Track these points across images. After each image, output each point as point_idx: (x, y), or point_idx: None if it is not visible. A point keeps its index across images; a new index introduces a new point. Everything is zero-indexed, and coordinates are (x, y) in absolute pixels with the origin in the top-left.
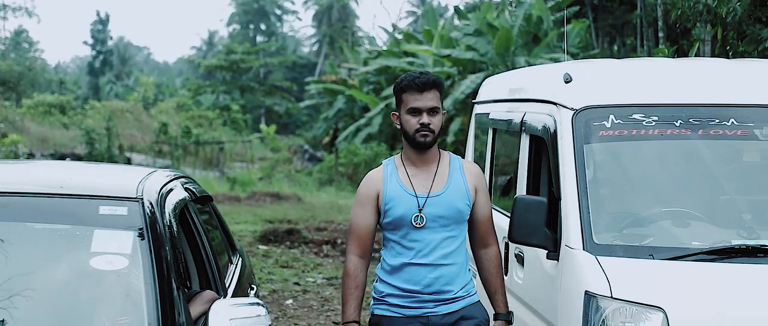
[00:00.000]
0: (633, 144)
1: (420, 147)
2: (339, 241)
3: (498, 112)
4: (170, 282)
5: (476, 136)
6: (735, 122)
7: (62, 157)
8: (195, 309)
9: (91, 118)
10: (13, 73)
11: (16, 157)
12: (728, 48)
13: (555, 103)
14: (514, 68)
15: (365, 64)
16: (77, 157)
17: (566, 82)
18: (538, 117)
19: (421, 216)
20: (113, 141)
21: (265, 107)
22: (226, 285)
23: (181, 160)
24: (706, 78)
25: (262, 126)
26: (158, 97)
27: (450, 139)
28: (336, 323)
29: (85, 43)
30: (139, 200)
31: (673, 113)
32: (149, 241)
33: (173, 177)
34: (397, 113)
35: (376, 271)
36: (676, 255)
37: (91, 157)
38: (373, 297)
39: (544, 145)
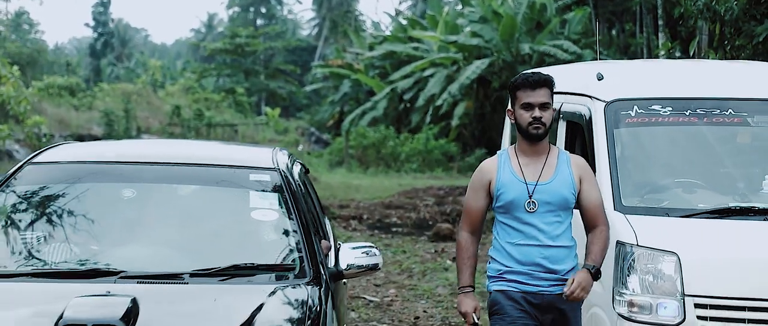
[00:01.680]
0: (652, 128)
1: (532, 138)
2: (365, 217)
3: None
4: (309, 228)
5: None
6: (733, 112)
7: (80, 139)
8: None
9: (100, 100)
10: (22, 55)
11: (38, 138)
12: (726, 43)
13: (590, 96)
14: (518, 55)
15: (371, 49)
16: (94, 138)
17: (599, 80)
18: (574, 107)
19: (533, 202)
20: (131, 123)
21: (268, 90)
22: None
23: None
24: (710, 76)
25: (267, 109)
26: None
27: (454, 122)
28: (377, 285)
29: (87, 25)
30: (277, 169)
31: (683, 105)
32: (289, 199)
33: (288, 154)
34: (512, 109)
35: (489, 253)
36: (685, 214)
37: (110, 138)
38: (489, 277)
39: (579, 129)
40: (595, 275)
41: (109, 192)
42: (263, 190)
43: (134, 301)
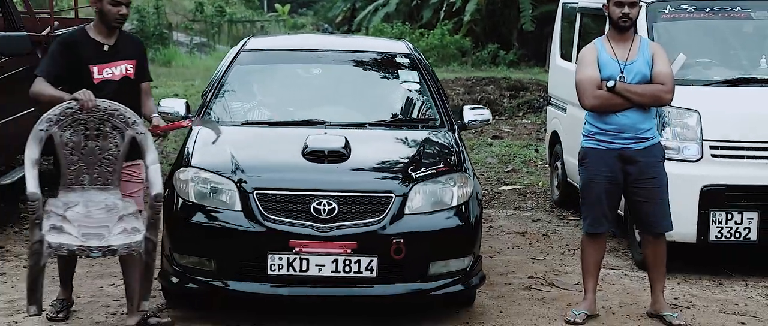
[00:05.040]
0: (681, 22)
1: (620, 29)
2: None
3: (586, 2)
4: (440, 93)
5: (563, 20)
6: (740, 9)
7: None
8: None
9: None
10: None
11: None
12: None
13: None
14: None
15: None
16: None
17: None
18: None
19: (623, 77)
20: (162, 19)
21: None
22: None
23: (216, 38)
24: None
25: (277, 5)
26: None
27: (466, 18)
28: None
29: None
30: (412, 54)
31: (704, 4)
32: (425, 75)
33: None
34: (607, 4)
35: (585, 116)
36: (705, 84)
37: (142, 34)
38: (583, 135)
39: None
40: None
41: (303, 70)
42: (407, 68)
43: (345, 138)
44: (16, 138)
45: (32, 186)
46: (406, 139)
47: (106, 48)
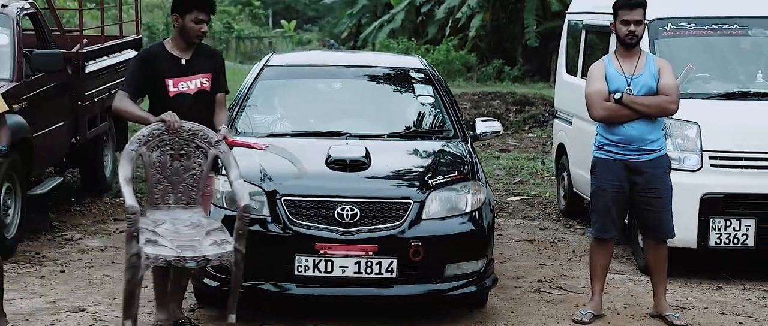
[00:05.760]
0: (681, 39)
1: (627, 46)
2: None
3: (590, 19)
4: (454, 106)
5: (568, 36)
6: (737, 26)
7: None
8: None
9: (124, 13)
10: None
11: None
12: None
13: None
14: None
15: None
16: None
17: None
18: None
19: (630, 90)
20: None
21: (284, 3)
22: None
23: (224, 54)
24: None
25: (283, 21)
26: None
27: (471, 34)
28: None
29: None
30: (426, 69)
31: (703, 21)
32: (439, 88)
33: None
34: (614, 23)
35: (596, 128)
36: (704, 97)
37: None
38: (594, 146)
39: None
40: (617, 99)
41: (324, 84)
42: (422, 83)
43: (366, 148)
44: (49, 150)
45: (130, 200)
46: (422, 149)
47: (183, 62)
